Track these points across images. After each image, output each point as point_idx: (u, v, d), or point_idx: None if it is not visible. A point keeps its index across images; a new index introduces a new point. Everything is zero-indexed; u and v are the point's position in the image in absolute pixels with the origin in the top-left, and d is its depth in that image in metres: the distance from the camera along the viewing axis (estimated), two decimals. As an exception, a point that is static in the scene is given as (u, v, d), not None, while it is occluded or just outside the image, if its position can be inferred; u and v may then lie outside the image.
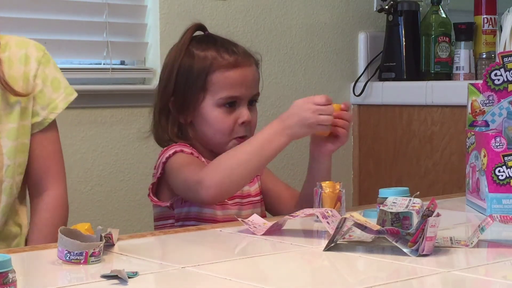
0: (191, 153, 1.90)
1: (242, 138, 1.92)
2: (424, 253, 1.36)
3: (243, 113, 1.93)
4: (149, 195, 1.93)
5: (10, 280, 1.08)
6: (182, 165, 1.86)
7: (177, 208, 1.91)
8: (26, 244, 1.79)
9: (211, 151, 1.95)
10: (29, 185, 1.81)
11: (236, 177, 1.77)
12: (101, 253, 1.34)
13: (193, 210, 1.90)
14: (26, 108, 1.74)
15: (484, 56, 2.98)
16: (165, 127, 1.96)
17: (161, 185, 1.93)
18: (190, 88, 1.93)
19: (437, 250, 1.40)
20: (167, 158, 1.88)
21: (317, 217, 1.58)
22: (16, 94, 1.71)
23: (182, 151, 1.89)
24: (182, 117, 1.95)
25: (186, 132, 1.97)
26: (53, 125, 1.81)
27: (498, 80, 1.84)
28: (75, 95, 1.82)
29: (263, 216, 1.91)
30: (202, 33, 2.03)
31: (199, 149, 1.94)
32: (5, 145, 1.72)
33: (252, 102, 1.96)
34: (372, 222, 1.43)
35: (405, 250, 1.37)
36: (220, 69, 1.92)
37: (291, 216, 1.57)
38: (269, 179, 2.05)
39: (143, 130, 2.08)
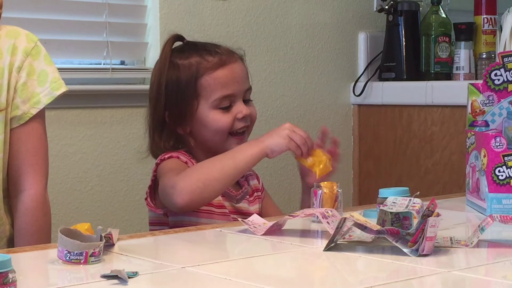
0: (186, 162, 1.90)
1: (241, 135, 1.94)
2: (424, 253, 1.36)
3: (240, 107, 1.93)
4: (146, 199, 1.92)
5: (10, 280, 1.08)
6: (170, 169, 1.86)
7: (171, 216, 1.90)
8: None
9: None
10: (9, 183, 1.74)
11: (209, 182, 1.77)
12: (101, 253, 1.34)
13: (186, 219, 1.89)
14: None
15: (484, 56, 2.98)
16: (158, 142, 1.96)
17: (157, 189, 1.91)
18: (182, 99, 1.93)
19: (437, 250, 1.40)
20: (161, 160, 1.89)
21: (317, 217, 1.58)
22: None
23: (178, 157, 1.90)
24: (180, 128, 1.95)
25: (187, 143, 1.97)
26: (35, 120, 1.73)
27: (498, 80, 1.84)
28: (63, 89, 1.75)
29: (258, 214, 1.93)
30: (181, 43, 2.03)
31: (201, 158, 1.93)
32: None
33: (247, 100, 1.97)
34: (372, 222, 1.43)
35: (405, 250, 1.37)
36: (207, 72, 1.93)
37: (291, 216, 1.57)
38: (268, 205, 2.06)
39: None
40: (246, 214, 1.96)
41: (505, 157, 1.74)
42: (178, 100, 1.94)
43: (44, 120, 1.77)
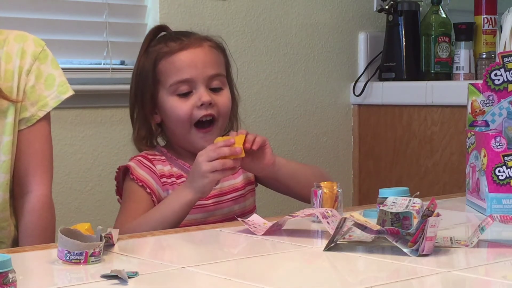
0: (142, 185, 1.85)
1: (207, 128, 1.86)
2: (424, 253, 1.36)
3: (201, 94, 1.85)
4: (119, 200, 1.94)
5: (10, 280, 1.08)
6: (126, 206, 1.87)
7: None
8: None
9: (188, 151, 1.91)
10: (14, 184, 1.75)
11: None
12: (101, 253, 1.34)
13: None
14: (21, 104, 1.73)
15: (484, 56, 2.98)
16: (133, 134, 1.95)
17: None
18: (145, 85, 1.91)
19: (437, 250, 1.40)
20: (119, 172, 1.92)
21: (317, 217, 1.58)
22: (9, 99, 1.69)
23: (135, 178, 1.86)
24: (151, 118, 1.92)
25: (163, 135, 1.96)
26: (42, 122, 1.75)
27: (498, 80, 1.84)
28: (70, 93, 1.78)
29: (252, 209, 1.92)
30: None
31: (180, 152, 1.92)
32: (2, 141, 1.70)
33: (217, 88, 1.89)
34: (372, 222, 1.43)
35: (405, 250, 1.37)
36: (165, 57, 1.89)
37: (291, 216, 1.57)
38: None
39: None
40: (229, 193, 1.93)
41: (505, 157, 1.74)
42: (143, 87, 1.92)
43: (50, 122, 1.79)
